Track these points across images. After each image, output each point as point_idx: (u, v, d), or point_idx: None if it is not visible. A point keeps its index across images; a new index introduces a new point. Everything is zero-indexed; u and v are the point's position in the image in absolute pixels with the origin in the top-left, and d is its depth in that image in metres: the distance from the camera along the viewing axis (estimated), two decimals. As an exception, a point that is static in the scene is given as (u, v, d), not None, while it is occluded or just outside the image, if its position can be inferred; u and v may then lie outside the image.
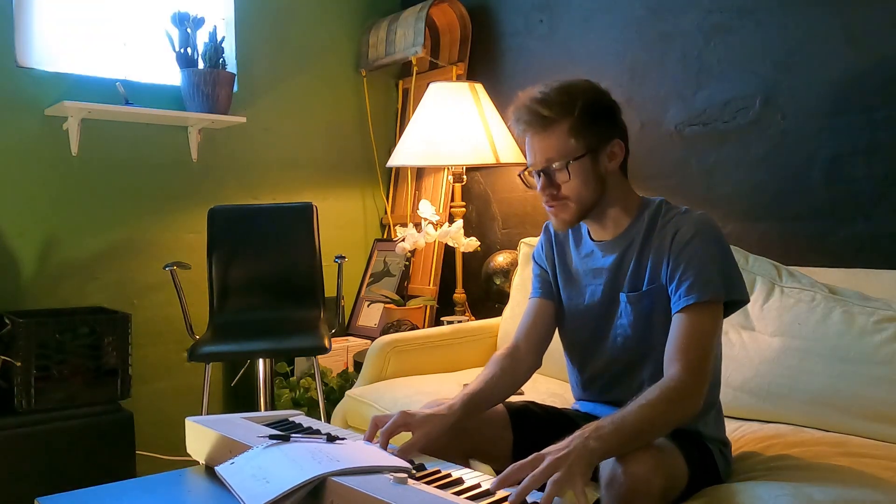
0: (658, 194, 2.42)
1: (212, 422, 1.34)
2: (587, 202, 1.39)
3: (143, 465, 2.56)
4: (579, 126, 1.36)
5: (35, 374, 2.27)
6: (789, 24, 2.11)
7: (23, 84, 2.56)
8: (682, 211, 1.40)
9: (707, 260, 1.31)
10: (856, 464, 1.44)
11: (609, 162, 1.40)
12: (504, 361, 1.48)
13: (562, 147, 1.36)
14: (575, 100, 1.36)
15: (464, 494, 1.01)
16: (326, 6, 3.27)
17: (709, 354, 1.26)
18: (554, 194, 1.38)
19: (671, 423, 1.21)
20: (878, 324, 1.62)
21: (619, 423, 1.16)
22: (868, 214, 1.95)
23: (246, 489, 1.07)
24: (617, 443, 1.14)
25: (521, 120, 1.39)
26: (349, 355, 2.92)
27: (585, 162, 1.36)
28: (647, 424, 1.18)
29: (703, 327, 1.27)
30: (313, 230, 2.65)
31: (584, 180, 1.37)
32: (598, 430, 1.14)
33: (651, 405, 1.19)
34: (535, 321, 1.54)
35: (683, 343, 1.26)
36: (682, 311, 1.29)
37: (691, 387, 1.22)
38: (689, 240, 1.33)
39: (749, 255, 1.92)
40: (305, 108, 3.21)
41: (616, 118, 1.43)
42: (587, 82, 1.42)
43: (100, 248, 2.72)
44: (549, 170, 1.37)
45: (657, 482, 1.13)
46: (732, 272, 1.34)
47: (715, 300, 1.29)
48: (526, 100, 1.38)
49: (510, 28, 2.97)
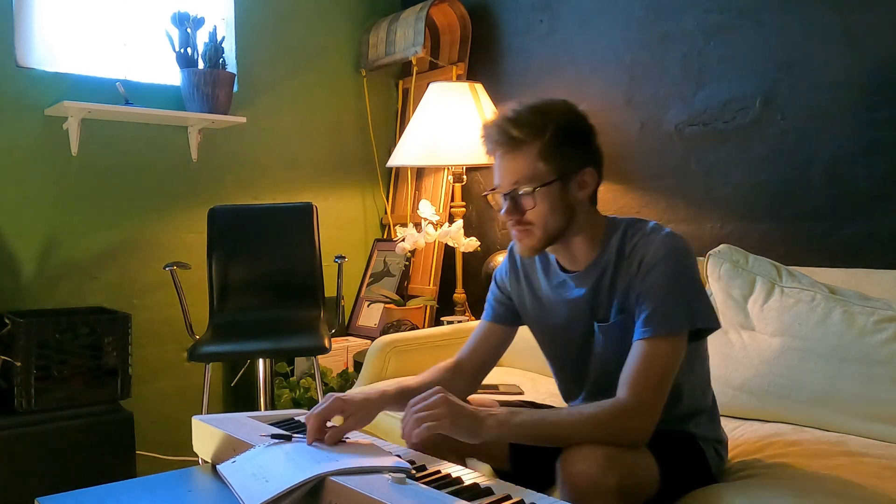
0: (658, 194, 2.46)
1: (218, 420, 1.34)
2: (553, 230, 1.33)
3: (143, 465, 2.56)
4: (550, 150, 1.29)
5: (35, 374, 2.27)
6: (789, 24, 2.11)
7: (23, 84, 2.56)
8: (648, 231, 1.33)
9: (667, 291, 1.26)
10: (855, 463, 1.44)
11: (579, 191, 1.33)
12: (444, 374, 1.47)
13: (530, 171, 1.30)
14: (548, 121, 1.30)
15: (463, 494, 1.01)
16: (326, 6, 3.27)
17: (660, 386, 1.23)
18: (519, 219, 1.33)
19: (600, 439, 1.18)
20: (878, 324, 1.62)
21: (538, 419, 1.21)
22: (868, 214, 1.95)
23: (245, 488, 1.07)
24: (520, 434, 1.20)
25: (490, 138, 1.34)
26: (349, 355, 2.92)
27: (554, 189, 1.30)
28: (567, 430, 1.20)
29: (657, 361, 1.23)
30: (313, 230, 2.65)
31: (551, 208, 1.31)
32: (512, 415, 1.21)
33: (583, 416, 1.21)
34: (481, 345, 1.52)
35: (635, 373, 1.23)
36: (639, 341, 1.26)
37: (633, 415, 1.21)
38: (652, 268, 1.27)
39: (749, 255, 1.92)
40: (305, 108, 3.21)
41: (591, 144, 1.36)
42: (564, 103, 1.36)
43: (100, 248, 2.72)
44: (515, 194, 1.32)
45: (609, 481, 1.13)
46: (695, 300, 1.28)
47: (673, 333, 1.25)
48: (497, 118, 1.33)
49: (510, 28, 2.98)
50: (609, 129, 2.58)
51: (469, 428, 1.18)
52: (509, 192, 1.33)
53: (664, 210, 2.42)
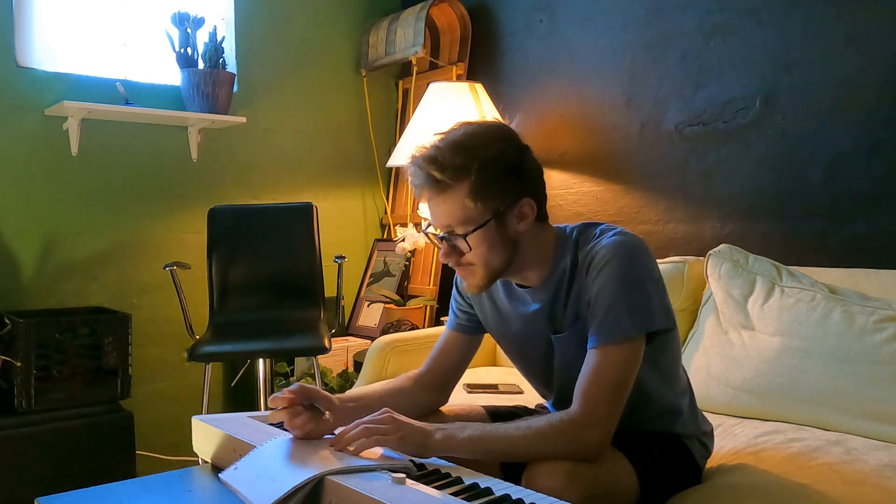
0: (658, 194, 2.46)
1: (218, 420, 1.34)
2: (496, 267, 1.26)
3: (143, 465, 2.56)
4: (478, 190, 1.20)
5: (35, 374, 2.27)
6: (790, 24, 2.11)
7: (23, 84, 2.56)
8: (598, 234, 1.27)
9: (616, 295, 1.20)
10: (856, 462, 1.44)
11: (519, 223, 1.25)
12: (409, 384, 1.44)
13: (461, 214, 1.21)
14: (471, 160, 1.19)
15: (462, 494, 1.01)
16: (326, 6, 3.27)
17: (614, 395, 1.18)
18: (458, 261, 1.26)
19: (548, 453, 1.15)
20: (878, 324, 1.62)
21: (486, 435, 1.17)
22: (868, 214, 1.95)
23: (254, 490, 1.07)
24: (469, 449, 1.16)
25: (414, 181, 1.25)
26: (349, 355, 2.92)
27: (490, 228, 1.22)
28: (515, 445, 1.17)
29: (609, 370, 1.18)
30: (313, 230, 2.65)
31: (489, 247, 1.23)
32: (461, 429, 1.18)
33: (531, 430, 1.17)
34: (443, 357, 1.47)
35: (586, 385, 1.19)
36: (591, 350, 1.21)
37: (582, 428, 1.16)
38: (599, 273, 1.22)
39: (749, 255, 1.92)
40: (305, 108, 3.21)
41: (523, 173, 1.25)
42: (487, 132, 1.25)
43: (100, 248, 2.72)
44: (451, 237, 1.25)
45: (572, 496, 1.08)
46: (647, 302, 1.21)
47: (626, 339, 1.19)
48: (418, 159, 1.23)
49: (510, 28, 2.98)
50: (609, 129, 2.58)
51: (417, 443, 1.16)
52: (444, 235, 1.26)
53: (664, 210, 2.42)
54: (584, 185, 2.64)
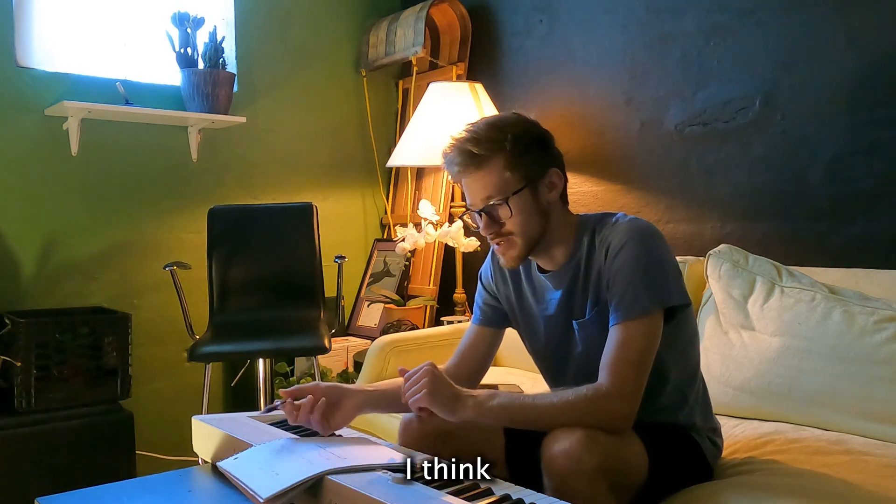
0: (658, 194, 2.46)
1: (218, 420, 1.35)
2: (533, 235, 1.36)
3: (143, 465, 2.56)
4: (514, 159, 1.33)
5: (35, 374, 2.27)
6: (789, 24, 2.11)
7: (23, 84, 2.56)
8: (614, 221, 1.37)
9: (634, 273, 1.28)
10: (856, 462, 1.44)
11: (549, 192, 1.37)
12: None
13: (499, 182, 1.33)
14: (505, 134, 1.33)
15: (462, 494, 1.01)
16: (326, 6, 3.27)
17: (638, 369, 1.25)
18: (498, 231, 1.36)
19: (576, 424, 1.19)
20: (878, 324, 1.62)
21: (516, 403, 1.24)
22: (868, 214, 1.95)
23: (255, 480, 1.07)
24: (498, 416, 1.24)
25: (454, 163, 1.35)
26: (349, 355, 2.92)
27: (525, 195, 1.34)
28: (545, 414, 1.22)
29: (632, 344, 1.25)
30: (313, 230, 2.65)
31: (526, 214, 1.34)
32: (491, 397, 1.24)
33: (562, 400, 1.23)
34: (470, 352, 1.54)
35: (612, 359, 1.25)
36: (614, 327, 1.28)
37: (612, 399, 1.22)
38: (617, 254, 1.30)
39: (749, 255, 1.92)
40: (305, 108, 3.21)
41: (550, 147, 1.40)
42: (515, 115, 1.40)
43: (100, 248, 2.72)
44: (490, 207, 1.35)
45: (590, 459, 1.14)
46: (664, 279, 1.30)
47: (643, 315, 1.27)
48: (456, 142, 1.35)
49: (510, 28, 2.98)
50: (609, 129, 2.58)
51: (447, 404, 1.23)
52: (483, 207, 1.35)
53: (664, 210, 2.42)
54: (584, 185, 2.64)
